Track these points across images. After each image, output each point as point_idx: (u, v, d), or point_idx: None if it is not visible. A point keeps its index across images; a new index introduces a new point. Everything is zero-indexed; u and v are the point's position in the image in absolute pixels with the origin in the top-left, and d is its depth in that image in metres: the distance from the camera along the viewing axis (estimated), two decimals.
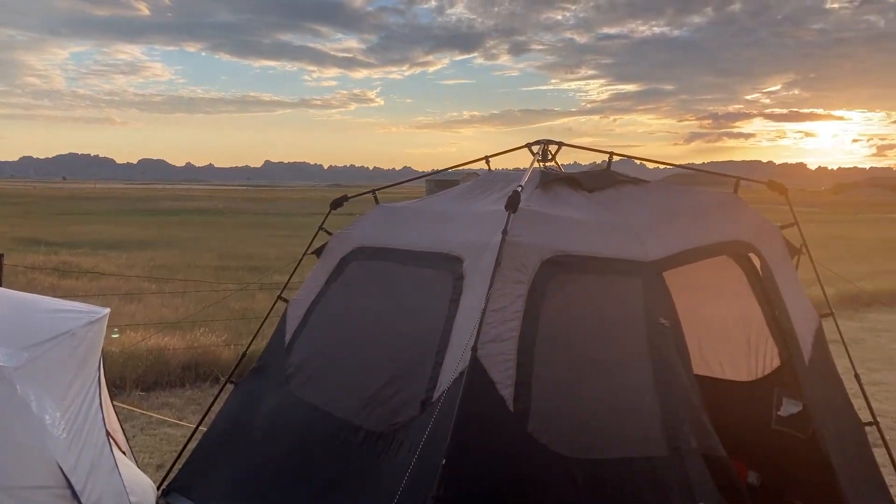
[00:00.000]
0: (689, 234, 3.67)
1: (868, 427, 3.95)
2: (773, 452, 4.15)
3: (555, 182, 3.70)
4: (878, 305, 12.49)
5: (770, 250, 3.84)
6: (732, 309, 4.22)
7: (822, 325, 3.91)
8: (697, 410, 3.32)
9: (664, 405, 3.15)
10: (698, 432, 3.22)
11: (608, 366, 3.14)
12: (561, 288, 3.13)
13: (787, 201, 3.96)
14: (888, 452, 4.05)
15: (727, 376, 4.36)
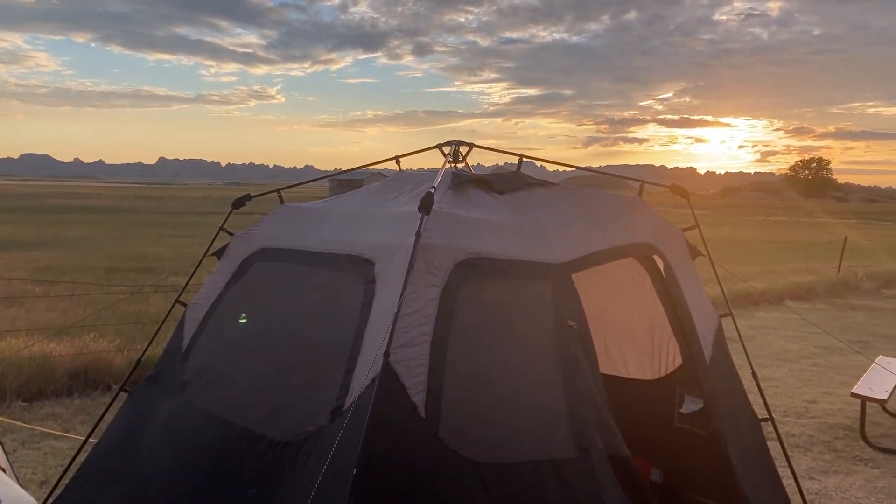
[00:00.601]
0: (596, 237, 3.70)
1: (763, 422, 4.09)
2: (674, 449, 4.26)
3: (466, 183, 3.66)
4: (765, 304, 13.16)
5: (673, 252, 3.93)
6: (636, 309, 4.30)
7: (721, 324, 4.04)
8: (604, 411, 3.34)
9: (572, 407, 3.16)
10: (604, 433, 3.25)
11: (518, 369, 3.12)
12: (473, 291, 3.09)
13: (689, 204, 4.07)
14: (781, 446, 4.22)
15: (631, 375, 4.45)
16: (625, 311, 4.37)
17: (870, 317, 12.27)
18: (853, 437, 5.92)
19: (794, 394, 7.32)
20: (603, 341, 4.47)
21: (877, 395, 5.57)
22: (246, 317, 3.64)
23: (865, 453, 5.58)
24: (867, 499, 4.74)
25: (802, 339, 10.20)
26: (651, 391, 4.34)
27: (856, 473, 5.17)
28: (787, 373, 8.22)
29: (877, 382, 5.88)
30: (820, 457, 5.49)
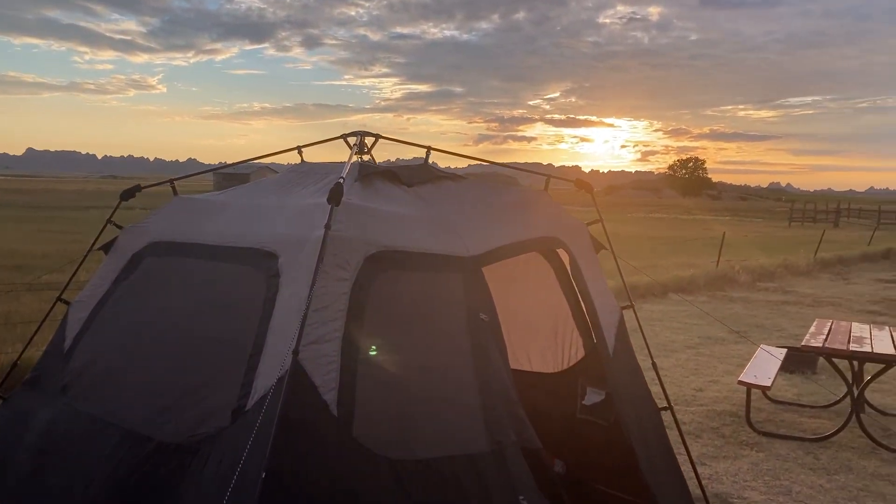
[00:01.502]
0: (504, 230, 3.69)
1: (663, 411, 4.21)
2: (577, 440, 4.32)
3: (374, 176, 3.57)
4: (650, 297, 13.68)
5: (577, 246, 3.97)
6: (540, 302, 4.34)
7: (623, 316, 4.12)
8: (516, 405, 3.34)
9: (486, 401, 3.13)
10: (517, 426, 3.25)
11: (432, 364, 3.06)
12: (385, 285, 3.01)
13: (593, 199, 4.13)
14: (679, 434, 4.35)
15: (535, 368, 4.48)
16: (527, 305, 4.39)
17: (747, 308, 12.96)
18: (739, 422, 6.20)
19: (682, 383, 7.61)
20: (507, 335, 4.47)
21: (761, 383, 5.86)
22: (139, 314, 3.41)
23: (751, 438, 5.85)
24: (755, 481, 4.96)
25: (686, 330, 10.64)
26: (554, 384, 4.39)
27: (743, 458, 5.41)
28: (674, 363, 8.54)
29: (760, 370, 6.19)
30: (710, 443, 5.72)
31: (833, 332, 6.38)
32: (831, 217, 51.20)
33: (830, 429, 6.01)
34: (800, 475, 5.09)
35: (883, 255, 24.00)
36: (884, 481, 5.02)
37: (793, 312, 12.62)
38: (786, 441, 5.81)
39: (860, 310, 13.15)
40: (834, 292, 15.43)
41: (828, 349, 5.79)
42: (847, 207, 58.06)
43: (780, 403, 6.91)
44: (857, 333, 6.38)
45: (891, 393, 7.27)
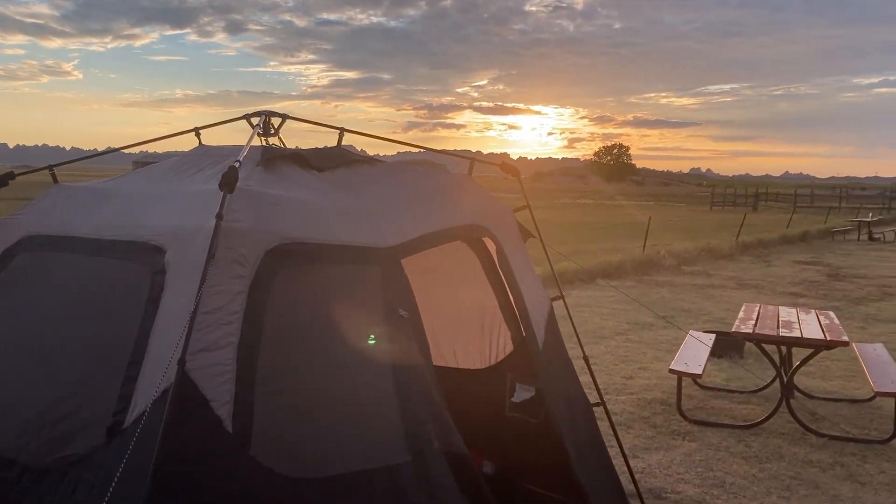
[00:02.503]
0: (426, 218, 3.40)
1: (595, 407, 4.01)
2: (507, 439, 4.09)
3: (279, 159, 3.22)
4: (579, 283, 13.63)
5: (504, 234, 3.72)
6: (465, 295, 4.07)
7: (553, 308, 3.89)
8: (439, 407, 3.08)
9: (405, 406, 2.86)
10: (441, 431, 2.99)
11: (344, 367, 2.76)
12: (289, 281, 2.68)
13: (520, 184, 3.88)
14: (613, 430, 4.17)
15: (460, 365, 4.22)
16: (451, 298, 4.12)
17: (673, 292, 13.04)
18: (670, 411, 6.10)
19: (612, 370, 7.49)
20: (430, 330, 4.19)
21: (692, 371, 5.75)
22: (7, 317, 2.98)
23: (682, 427, 5.75)
24: (688, 473, 4.83)
25: (615, 316, 10.59)
26: (481, 380, 4.14)
27: (675, 448, 5.29)
28: (604, 350, 8.44)
29: (691, 357, 6.09)
30: (642, 434, 5.58)
31: (762, 317, 6.33)
32: (751, 201, 52.83)
33: (760, 414, 5.96)
34: (732, 465, 4.99)
35: (800, 237, 24.74)
36: (815, 468, 4.96)
37: (718, 296, 12.76)
38: (717, 429, 5.72)
39: (782, 291, 13.40)
40: (756, 275, 15.72)
41: (758, 335, 5.72)
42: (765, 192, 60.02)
43: (710, 389, 6.85)
44: (785, 318, 6.35)
45: (815, 375, 7.31)
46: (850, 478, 4.79)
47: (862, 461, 5.08)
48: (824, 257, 19.75)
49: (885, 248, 22.98)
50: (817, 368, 7.44)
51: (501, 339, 4.04)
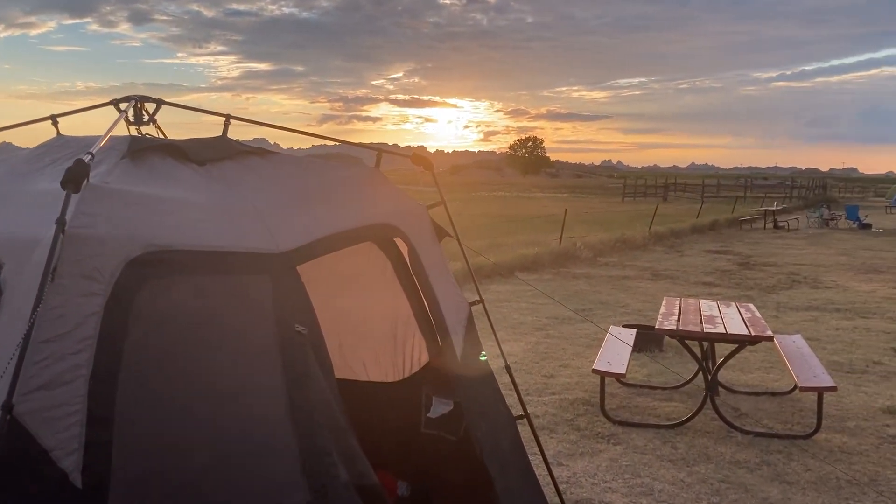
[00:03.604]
0: (328, 218, 3.00)
1: (519, 420, 3.70)
2: (423, 458, 3.74)
3: (150, 151, 2.75)
4: (497, 276, 13.41)
5: (417, 233, 3.35)
6: (376, 301, 3.69)
7: (472, 314, 3.55)
8: (344, 434, 2.69)
9: (304, 437, 2.45)
10: (347, 461, 2.61)
11: (228, 397, 2.33)
12: (157, 297, 2.24)
13: (433, 177, 3.51)
14: (537, 442, 3.86)
15: (371, 378, 3.83)
16: (360, 305, 3.73)
17: (590, 284, 12.98)
18: (594, 412, 5.87)
19: (532, 369, 7.25)
20: (337, 341, 3.80)
21: (615, 370, 5.54)
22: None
23: (607, 429, 5.53)
24: (615, 481, 4.59)
25: (534, 311, 10.40)
26: (394, 395, 3.76)
27: (601, 453, 5.05)
28: (524, 347, 8.20)
29: (613, 355, 5.88)
30: (566, 438, 5.33)
31: (684, 312, 6.18)
32: (660, 192, 54.15)
33: (684, 412, 5.81)
34: (660, 469, 4.78)
35: (710, 227, 25.36)
36: (743, 468, 4.80)
37: (634, 287, 12.76)
38: (642, 430, 5.52)
39: (696, 281, 13.53)
40: (670, 265, 15.89)
41: (682, 331, 5.54)
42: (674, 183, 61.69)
43: (633, 387, 6.68)
44: (707, 312, 6.22)
45: (734, 368, 7.24)
46: (778, 478, 4.65)
47: (788, 459, 4.96)
48: (734, 246, 20.22)
49: (789, 236, 23.78)
50: (736, 361, 7.34)
51: (416, 348, 3.68)
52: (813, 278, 13.89)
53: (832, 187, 64.41)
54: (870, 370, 7.32)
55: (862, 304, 11.18)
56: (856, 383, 6.82)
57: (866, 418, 5.83)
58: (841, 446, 5.21)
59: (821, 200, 41.27)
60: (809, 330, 9.20)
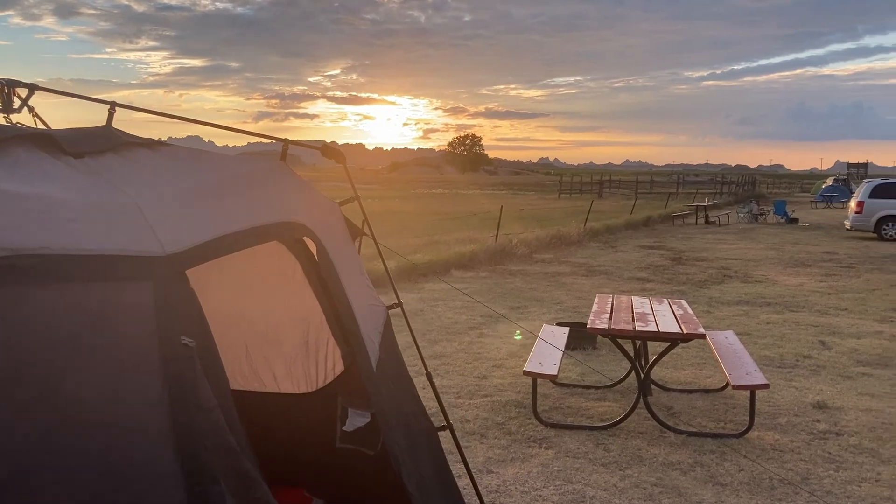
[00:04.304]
0: (225, 216, 2.70)
1: (441, 432, 3.47)
2: (339, 474, 3.48)
3: (16, 142, 2.42)
4: (432, 275, 13.20)
5: (328, 232, 3.07)
6: (285, 306, 3.40)
7: (389, 318, 3.30)
8: (238, 457, 2.42)
9: (189, 465, 2.17)
10: (243, 487, 2.34)
11: (95, 424, 2.03)
12: (10, 311, 1.92)
13: (345, 171, 3.25)
14: (462, 458, 3.64)
15: (283, 389, 3.55)
16: (269, 310, 3.44)
17: (525, 281, 12.87)
18: (526, 414, 5.70)
19: (465, 370, 7.04)
20: (243, 350, 3.52)
21: (547, 372, 5.36)
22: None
23: (538, 432, 5.35)
24: (546, 488, 4.41)
25: (469, 309, 10.20)
26: (308, 406, 3.49)
27: (532, 458, 4.86)
28: (457, 347, 7.99)
29: (545, 356, 5.71)
30: (496, 443, 5.13)
31: (616, 310, 6.05)
32: (596, 189, 54.83)
33: (617, 412, 5.69)
34: (592, 474, 4.62)
35: (644, 222, 25.66)
36: (676, 470, 4.67)
37: (569, 283, 12.71)
38: (575, 432, 5.36)
39: (630, 277, 13.56)
40: (604, 261, 15.93)
41: (614, 330, 5.40)
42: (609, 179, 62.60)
43: (566, 387, 6.53)
44: (640, 309, 6.11)
45: (667, 365, 7.18)
46: (712, 479, 4.54)
47: (721, 459, 4.87)
48: (667, 241, 20.47)
49: (720, 231, 24.23)
50: (670, 358, 7.30)
51: (330, 357, 3.41)
52: (743, 273, 14.09)
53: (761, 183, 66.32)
54: (800, 364, 7.35)
55: (791, 297, 11.35)
56: (787, 378, 6.83)
57: (797, 414, 5.80)
58: (773, 444, 5.15)
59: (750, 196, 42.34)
60: (741, 324, 9.25)
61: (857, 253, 17.77)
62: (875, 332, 8.91)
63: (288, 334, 3.45)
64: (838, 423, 5.58)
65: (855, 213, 21.79)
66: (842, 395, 6.31)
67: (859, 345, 8.18)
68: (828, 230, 24.81)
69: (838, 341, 8.36)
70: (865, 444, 5.14)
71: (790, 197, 49.72)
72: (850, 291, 11.94)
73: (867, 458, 4.91)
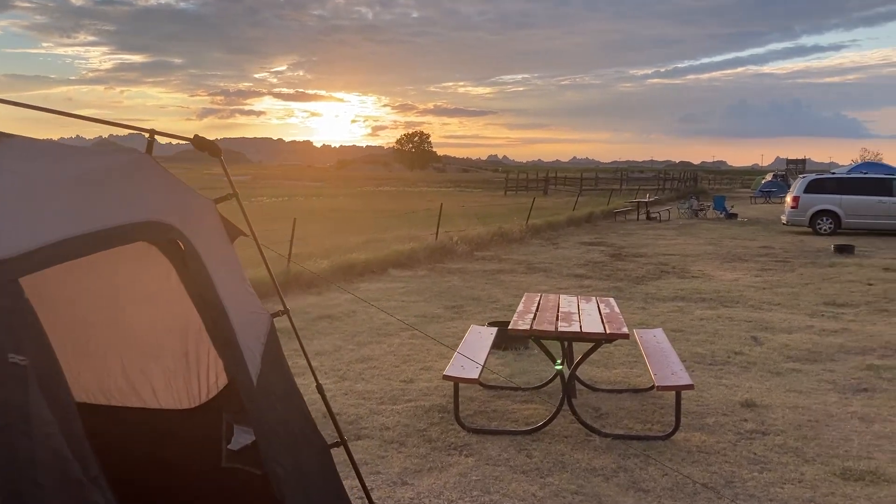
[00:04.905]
0: (73, 216, 2.40)
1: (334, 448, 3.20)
2: (225, 496, 3.19)
3: None
4: (369, 275, 12.92)
5: (199, 233, 2.78)
6: (161, 314, 3.10)
7: (274, 327, 3.02)
8: (85, 490, 2.12)
9: (12, 499, 1.88)
10: None
11: None
12: None
13: (221, 165, 2.96)
14: (357, 476, 3.38)
15: (163, 405, 3.24)
16: (146, 319, 3.13)
17: (464, 280, 12.68)
18: (448, 419, 5.47)
19: (391, 374, 6.79)
20: (118, 363, 3.20)
21: (468, 376, 5.14)
22: None
23: (460, 438, 5.13)
24: (462, 499, 4.19)
25: (404, 309, 9.96)
26: (190, 424, 3.19)
27: (450, 467, 4.63)
28: (386, 349, 7.73)
29: (469, 359, 5.49)
30: (415, 451, 4.88)
31: (541, 309, 5.87)
32: (541, 185, 55.08)
33: (544, 415, 5.49)
34: (511, 483, 4.41)
35: (586, 219, 25.74)
36: (598, 477, 4.50)
37: (507, 281, 12.55)
38: (497, 438, 5.15)
39: (568, 273, 13.48)
40: (545, 258, 15.84)
41: (535, 331, 5.21)
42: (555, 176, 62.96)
43: (493, 389, 6.33)
44: (566, 308, 5.93)
45: (598, 364, 7.05)
46: (634, 485, 4.37)
47: (645, 463, 4.71)
48: (608, 238, 20.52)
49: (660, 227, 24.44)
50: (601, 356, 7.17)
51: (212, 369, 3.12)
52: (681, 268, 14.13)
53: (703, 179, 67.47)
54: (731, 361, 7.28)
55: (726, 292, 11.37)
56: (717, 375, 6.74)
57: (725, 413, 5.69)
58: (699, 446, 5.02)
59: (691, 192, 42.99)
60: (675, 321, 9.19)
61: (793, 247, 18.05)
62: (806, 326, 8.94)
63: (167, 345, 3.15)
64: (765, 421, 5.49)
65: (791, 208, 22.17)
66: (770, 392, 6.24)
67: (790, 340, 8.17)
68: (765, 225, 25.24)
69: (770, 337, 8.34)
70: (790, 444, 5.04)
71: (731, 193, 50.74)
72: (784, 286, 12.04)
73: (791, 457, 4.81)
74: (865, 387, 6.41)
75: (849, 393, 6.23)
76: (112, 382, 3.19)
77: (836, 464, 4.69)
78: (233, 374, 2.82)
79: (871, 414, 5.68)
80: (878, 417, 5.61)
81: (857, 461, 4.73)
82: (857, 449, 4.96)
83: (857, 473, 4.53)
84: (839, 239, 19.06)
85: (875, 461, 4.74)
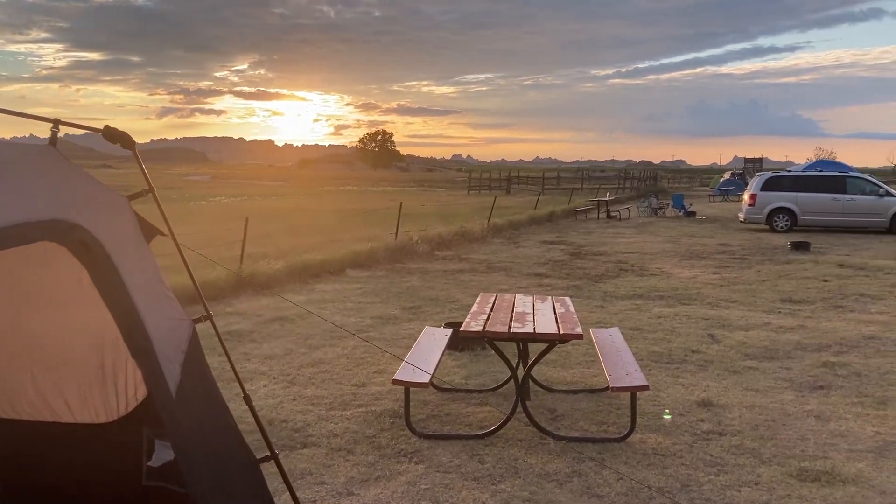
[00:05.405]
0: None
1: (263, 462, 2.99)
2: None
3: None
4: (326, 275, 12.66)
5: (111, 233, 2.55)
6: (77, 321, 2.86)
7: (196, 333, 2.80)
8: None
9: None
10: None
11: None
12: None
13: (136, 157, 2.73)
14: (290, 490, 3.17)
15: (78, 419, 3.00)
16: (58, 326, 2.89)
17: (423, 280, 12.49)
18: (399, 424, 5.28)
19: (343, 378, 6.58)
20: (28, 375, 2.95)
21: (418, 380, 4.96)
22: None
23: (410, 444, 4.94)
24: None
25: (360, 311, 9.75)
26: (108, 438, 2.96)
27: (399, 476, 4.45)
28: (339, 353, 7.51)
29: (420, 361, 5.31)
30: (363, 459, 4.69)
31: (496, 310, 5.71)
32: (504, 185, 55.12)
33: (498, 417, 5.33)
34: (462, 491, 4.24)
35: (547, 217, 25.74)
36: (552, 482, 4.34)
37: (468, 281, 12.40)
38: (449, 443, 4.98)
39: (528, 272, 13.37)
40: (505, 257, 15.73)
41: (488, 332, 5.04)
42: (517, 175, 63.12)
43: (447, 391, 6.16)
44: (520, 308, 5.78)
45: (555, 364, 6.92)
46: (588, 491, 4.23)
47: (600, 467, 4.57)
48: (568, 236, 20.50)
49: (620, 225, 24.52)
50: (558, 356, 7.06)
51: (130, 380, 2.89)
52: (640, 266, 14.12)
53: (662, 178, 68.15)
54: (688, 359, 7.20)
55: (684, 290, 11.35)
56: (674, 374, 6.65)
57: (682, 413, 5.59)
58: (655, 448, 4.90)
59: (651, 191, 43.33)
60: (632, 319, 9.11)
61: (750, 245, 18.19)
62: (763, 323, 8.92)
63: (80, 354, 2.91)
64: (722, 421, 5.40)
65: (748, 206, 22.38)
66: (727, 391, 6.16)
67: (747, 337, 8.14)
68: (723, 223, 25.47)
69: (727, 334, 8.30)
70: (747, 444, 4.95)
71: (690, 191, 51.28)
72: (742, 283, 12.07)
73: (748, 459, 4.71)
74: (821, 384, 6.37)
75: (805, 391, 6.18)
76: (21, 395, 2.95)
77: (793, 464, 4.60)
78: (150, 386, 2.60)
79: (827, 412, 5.62)
80: (833, 415, 5.55)
81: (813, 461, 4.65)
82: (813, 448, 4.89)
83: (813, 474, 4.45)
84: (795, 236, 19.29)
85: (831, 461, 4.67)
